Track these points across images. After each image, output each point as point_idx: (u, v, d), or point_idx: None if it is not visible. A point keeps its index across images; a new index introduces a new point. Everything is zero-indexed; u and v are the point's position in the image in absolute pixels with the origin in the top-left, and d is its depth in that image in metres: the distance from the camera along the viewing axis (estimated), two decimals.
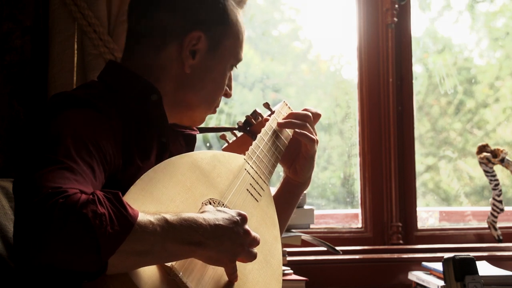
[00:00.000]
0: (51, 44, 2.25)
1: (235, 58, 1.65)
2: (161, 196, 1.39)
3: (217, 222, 1.33)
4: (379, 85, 2.77)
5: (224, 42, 1.61)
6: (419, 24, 3.02)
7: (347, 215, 2.84)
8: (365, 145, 2.77)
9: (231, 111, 2.96)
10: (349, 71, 3.03)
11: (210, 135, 2.88)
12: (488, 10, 3.21)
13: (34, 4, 2.31)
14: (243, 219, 1.39)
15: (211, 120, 2.86)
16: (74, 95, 1.48)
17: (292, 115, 1.78)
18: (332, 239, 2.64)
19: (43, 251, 1.18)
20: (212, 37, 1.59)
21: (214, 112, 1.70)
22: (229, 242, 1.35)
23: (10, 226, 1.67)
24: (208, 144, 2.90)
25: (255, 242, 1.41)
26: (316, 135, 1.78)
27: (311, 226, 2.54)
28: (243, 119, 1.84)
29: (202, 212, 1.36)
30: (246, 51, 3.02)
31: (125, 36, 1.65)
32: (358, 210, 2.78)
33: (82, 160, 1.32)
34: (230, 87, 1.70)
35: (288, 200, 1.82)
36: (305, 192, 1.93)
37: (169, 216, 1.27)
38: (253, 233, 1.40)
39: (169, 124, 1.60)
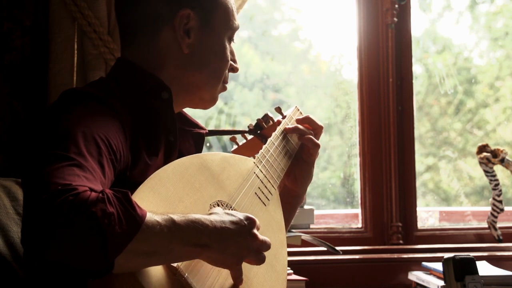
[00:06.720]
0: (51, 44, 2.25)
1: (230, 28, 1.64)
2: (170, 196, 1.39)
3: (223, 225, 1.33)
4: (379, 85, 2.77)
5: (214, 14, 1.61)
6: (419, 24, 3.02)
7: (347, 215, 2.84)
8: (365, 145, 2.77)
9: (231, 111, 2.95)
10: (349, 71, 3.03)
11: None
12: (488, 10, 3.21)
13: (34, 4, 2.31)
14: (251, 223, 1.38)
15: (211, 121, 2.86)
16: (83, 91, 1.48)
17: (306, 120, 1.81)
18: (332, 239, 2.64)
19: (51, 248, 1.18)
20: (201, 12, 1.59)
21: (225, 89, 1.69)
22: (235, 245, 1.34)
23: (11, 226, 1.67)
24: (208, 144, 2.89)
25: (264, 246, 1.41)
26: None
27: (311, 226, 2.55)
28: (245, 120, 1.84)
29: (210, 214, 1.36)
30: (246, 51, 3.03)
31: (119, 34, 1.64)
32: (358, 210, 2.78)
33: (91, 157, 1.31)
34: (234, 61, 1.69)
35: (285, 211, 1.80)
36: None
37: (176, 217, 1.27)
38: (262, 237, 1.40)
39: (177, 123, 1.59)
